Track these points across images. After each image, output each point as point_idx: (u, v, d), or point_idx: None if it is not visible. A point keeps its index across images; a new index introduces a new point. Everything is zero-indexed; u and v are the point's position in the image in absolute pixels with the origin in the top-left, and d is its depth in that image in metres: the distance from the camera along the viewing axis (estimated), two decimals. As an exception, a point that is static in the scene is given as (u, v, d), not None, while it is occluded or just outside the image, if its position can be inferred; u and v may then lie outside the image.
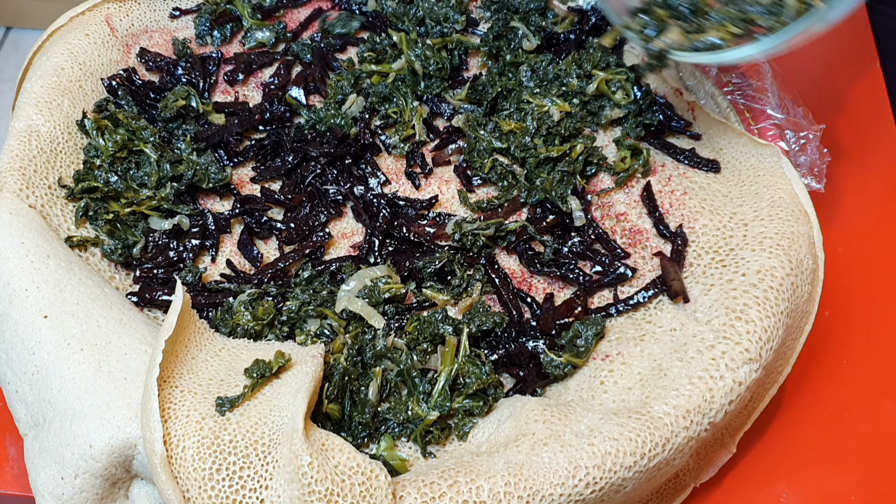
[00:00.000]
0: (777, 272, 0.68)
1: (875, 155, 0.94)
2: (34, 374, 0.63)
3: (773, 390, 0.71)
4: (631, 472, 0.60)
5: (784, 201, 0.73)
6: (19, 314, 0.64)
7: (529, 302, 0.73)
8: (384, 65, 0.88)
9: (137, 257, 0.74)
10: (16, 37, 2.00)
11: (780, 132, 0.85)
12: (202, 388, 0.61)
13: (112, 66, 0.85)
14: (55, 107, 0.78)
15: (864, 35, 1.05)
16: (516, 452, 0.60)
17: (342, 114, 0.83)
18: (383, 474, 0.58)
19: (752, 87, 0.88)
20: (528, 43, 0.89)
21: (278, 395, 0.60)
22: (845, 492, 0.72)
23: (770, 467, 0.73)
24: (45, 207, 0.73)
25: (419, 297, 0.73)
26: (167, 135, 0.81)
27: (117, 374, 0.61)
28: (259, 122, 0.83)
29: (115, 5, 0.88)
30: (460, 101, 0.87)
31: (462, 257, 0.75)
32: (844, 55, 1.04)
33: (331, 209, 0.79)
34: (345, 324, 0.69)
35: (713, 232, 0.74)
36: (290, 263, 0.74)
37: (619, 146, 0.81)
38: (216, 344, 0.65)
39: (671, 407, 0.62)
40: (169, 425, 0.58)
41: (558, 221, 0.77)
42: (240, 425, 0.58)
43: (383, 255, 0.75)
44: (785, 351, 0.70)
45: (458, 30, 0.91)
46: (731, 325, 0.66)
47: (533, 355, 0.69)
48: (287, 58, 0.90)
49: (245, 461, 0.57)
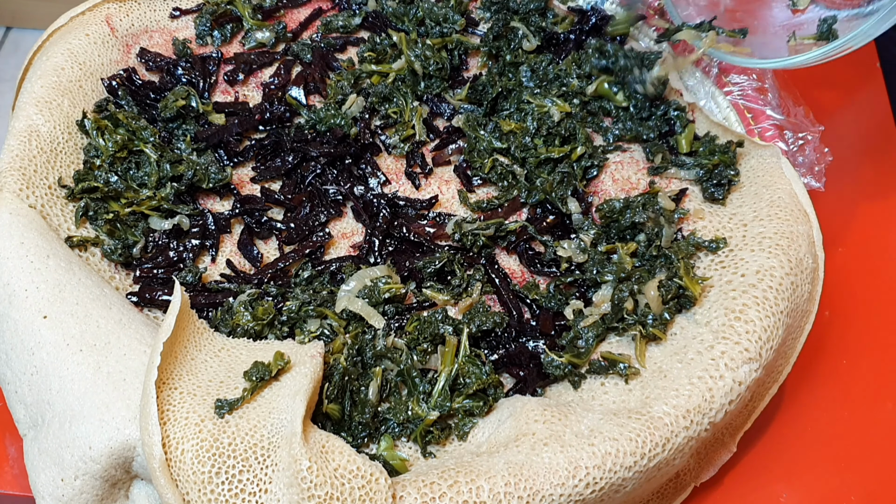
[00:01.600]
0: (776, 272, 0.68)
1: (875, 155, 0.94)
2: (33, 374, 0.63)
3: (774, 390, 0.71)
4: (631, 472, 0.60)
5: (783, 201, 0.73)
6: (19, 314, 0.64)
7: (529, 302, 0.73)
8: (384, 65, 0.88)
9: (137, 257, 0.74)
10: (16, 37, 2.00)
11: (780, 132, 0.86)
12: (201, 389, 0.60)
13: (112, 66, 0.85)
14: (55, 107, 0.78)
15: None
16: (516, 452, 0.60)
17: (342, 114, 0.83)
18: (383, 477, 0.57)
19: (753, 87, 0.88)
20: (528, 43, 0.89)
21: (277, 398, 0.60)
22: (845, 491, 0.72)
23: (770, 467, 0.73)
24: (45, 207, 0.73)
25: (419, 297, 0.73)
26: (167, 135, 0.81)
27: (116, 374, 0.61)
28: (259, 122, 0.83)
29: (115, 5, 0.88)
30: (460, 101, 0.87)
31: (462, 257, 0.75)
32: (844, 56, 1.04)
33: (331, 209, 0.79)
34: (345, 324, 0.69)
35: (712, 233, 0.74)
36: (290, 263, 0.74)
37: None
38: (216, 344, 0.65)
39: (671, 407, 0.62)
40: (168, 428, 0.58)
41: (558, 222, 0.77)
42: (239, 428, 0.58)
43: (383, 255, 0.75)
44: (785, 350, 0.70)
45: (457, 30, 0.91)
46: (730, 325, 0.66)
47: (533, 355, 0.69)
48: (287, 58, 0.90)
49: (244, 465, 0.57)
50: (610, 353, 0.67)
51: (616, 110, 0.85)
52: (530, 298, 0.72)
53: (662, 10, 0.90)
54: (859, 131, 0.95)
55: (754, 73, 0.89)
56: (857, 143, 0.94)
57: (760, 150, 0.78)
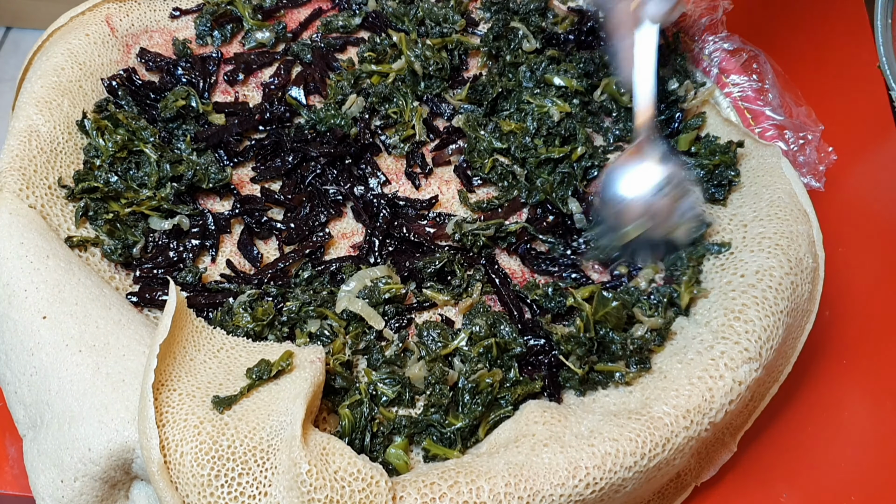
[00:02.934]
0: (776, 272, 0.68)
1: (875, 154, 0.94)
2: (33, 375, 0.63)
3: (774, 389, 0.71)
4: (631, 473, 0.60)
5: (783, 201, 0.73)
6: (18, 315, 0.64)
7: (529, 302, 0.73)
8: (384, 65, 0.88)
9: (137, 257, 0.74)
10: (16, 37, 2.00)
11: (780, 132, 0.85)
12: (200, 391, 0.60)
13: (112, 66, 0.85)
14: (55, 107, 0.78)
15: (863, 35, 1.05)
16: (516, 453, 0.60)
17: (342, 114, 0.83)
18: (384, 480, 0.57)
19: (753, 87, 0.88)
20: (528, 43, 0.89)
21: (276, 401, 0.60)
22: (846, 491, 0.72)
23: (771, 466, 0.73)
24: (45, 207, 0.72)
25: (419, 297, 0.73)
26: (167, 135, 0.81)
27: (115, 375, 0.61)
28: (259, 123, 0.83)
29: (115, 5, 0.88)
30: (460, 101, 0.87)
31: (462, 257, 0.75)
32: (844, 56, 1.05)
33: (331, 209, 0.79)
34: (345, 324, 0.69)
35: (712, 235, 0.74)
36: (291, 264, 0.74)
37: None
38: (214, 344, 0.65)
39: (671, 407, 0.62)
40: (167, 430, 0.58)
41: (559, 222, 0.77)
42: (238, 430, 0.58)
43: (383, 255, 0.75)
44: (786, 350, 0.70)
45: (457, 30, 0.91)
46: (729, 325, 0.66)
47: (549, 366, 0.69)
48: (287, 58, 0.90)
49: (244, 467, 0.57)
50: (604, 367, 0.67)
51: (617, 110, 0.85)
52: (531, 298, 0.72)
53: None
54: (859, 131, 0.95)
55: (755, 73, 0.89)
56: (856, 143, 0.94)
57: (761, 150, 0.78)
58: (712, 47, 0.91)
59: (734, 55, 0.90)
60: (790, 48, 1.04)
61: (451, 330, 0.69)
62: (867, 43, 1.04)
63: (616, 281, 0.74)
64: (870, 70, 1.02)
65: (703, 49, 0.91)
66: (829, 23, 1.08)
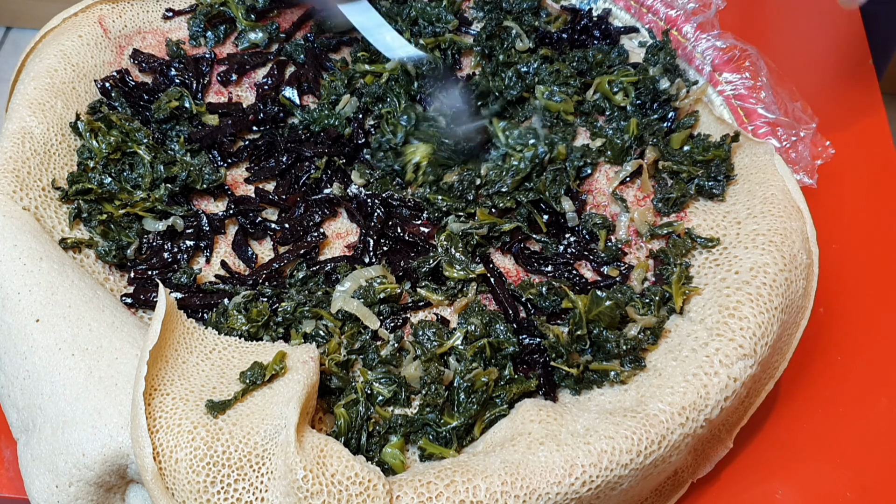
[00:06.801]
0: (770, 268, 0.68)
1: (868, 151, 0.94)
2: (25, 378, 0.63)
3: (770, 386, 0.71)
4: (627, 470, 0.60)
5: (776, 197, 0.73)
6: (12, 318, 0.64)
7: (524, 301, 0.73)
8: (378, 65, 0.88)
9: (132, 259, 0.73)
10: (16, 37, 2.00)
11: (773, 130, 0.86)
12: (194, 394, 0.60)
13: (105, 67, 0.84)
14: (48, 108, 0.78)
15: (856, 31, 1.06)
16: (513, 452, 0.60)
17: (336, 114, 0.83)
18: (381, 483, 0.57)
19: (746, 84, 0.89)
20: (521, 43, 0.89)
21: (270, 405, 0.60)
22: (841, 487, 0.72)
23: (766, 463, 0.73)
24: (38, 209, 0.72)
25: (414, 296, 0.73)
26: (161, 136, 0.81)
27: (108, 379, 0.60)
28: (253, 123, 0.83)
29: (108, 6, 0.87)
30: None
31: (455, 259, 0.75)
32: (837, 52, 1.05)
33: (325, 209, 0.78)
34: (340, 324, 0.69)
35: (706, 231, 0.74)
36: (285, 264, 0.74)
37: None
38: (206, 345, 0.65)
39: (666, 404, 0.62)
40: (160, 436, 0.57)
41: (552, 221, 0.77)
42: (233, 435, 0.58)
43: (378, 255, 0.75)
44: (781, 346, 0.71)
45: (450, 30, 0.91)
46: (724, 322, 0.66)
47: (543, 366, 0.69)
48: (280, 58, 0.90)
49: (239, 473, 0.57)
50: (599, 365, 0.67)
51: (611, 109, 0.85)
52: (525, 297, 0.72)
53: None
54: (851, 127, 0.95)
55: (747, 71, 0.89)
56: (849, 140, 0.94)
57: (754, 147, 0.78)
58: (705, 45, 0.92)
59: (727, 53, 0.90)
60: (782, 45, 1.04)
61: (447, 329, 0.69)
62: (860, 39, 1.04)
63: (609, 280, 0.74)
64: (863, 67, 1.02)
65: (695, 47, 0.92)
66: (820, 19, 1.08)
